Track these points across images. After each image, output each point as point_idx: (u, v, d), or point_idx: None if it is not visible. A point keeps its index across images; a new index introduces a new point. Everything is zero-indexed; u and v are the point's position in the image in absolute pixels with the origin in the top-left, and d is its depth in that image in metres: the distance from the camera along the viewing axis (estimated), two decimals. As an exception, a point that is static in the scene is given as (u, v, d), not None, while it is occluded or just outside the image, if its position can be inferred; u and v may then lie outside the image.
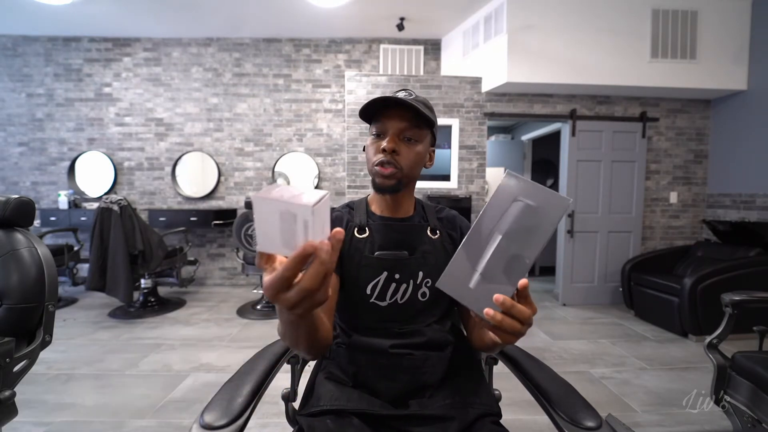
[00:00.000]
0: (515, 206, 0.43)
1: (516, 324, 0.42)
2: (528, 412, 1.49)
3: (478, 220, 0.45)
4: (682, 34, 2.84)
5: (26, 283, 1.11)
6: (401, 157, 0.67)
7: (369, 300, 0.70)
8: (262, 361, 0.65)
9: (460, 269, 0.45)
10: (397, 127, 0.67)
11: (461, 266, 0.45)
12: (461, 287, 0.44)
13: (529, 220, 0.42)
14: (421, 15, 3.11)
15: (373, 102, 0.66)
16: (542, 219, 0.42)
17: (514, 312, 0.41)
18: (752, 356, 1.13)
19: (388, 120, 0.68)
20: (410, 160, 0.68)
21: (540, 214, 0.42)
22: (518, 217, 0.43)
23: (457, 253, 0.45)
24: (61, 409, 1.51)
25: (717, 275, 2.32)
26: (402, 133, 0.68)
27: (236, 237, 2.65)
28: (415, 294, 0.70)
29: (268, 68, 3.54)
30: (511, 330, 0.42)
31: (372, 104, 0.66)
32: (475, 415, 0.63)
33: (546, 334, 2.48)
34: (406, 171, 0.68)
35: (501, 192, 0.44)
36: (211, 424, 0.47)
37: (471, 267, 0.44)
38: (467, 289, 0.44)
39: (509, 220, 0.43)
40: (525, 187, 0.43)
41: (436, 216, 0.79)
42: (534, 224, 0.42)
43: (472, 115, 3.11)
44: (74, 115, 3.53)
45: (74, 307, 2.94)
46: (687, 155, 3.26)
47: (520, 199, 0.43)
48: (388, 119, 0.68)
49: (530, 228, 0.42)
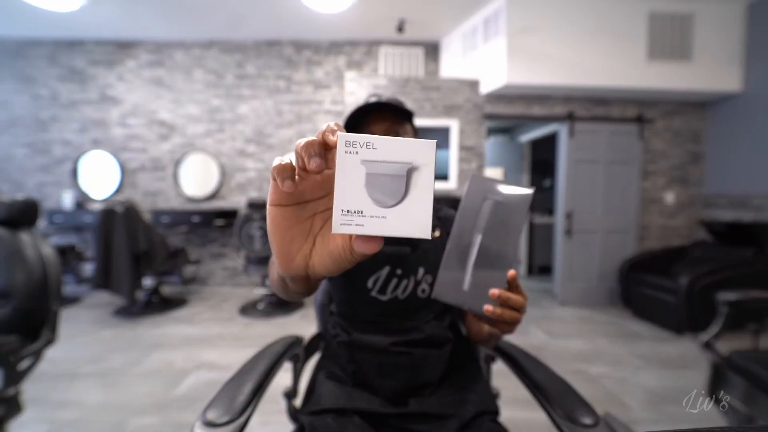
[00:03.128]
0: (486, 204, 0.46)
1: (514, 313, 0.46)
2: (526, 409, 1.51)
3: (456, 224, 0.47)
4: (678, 36, 2.86)
5: (31, 282, 1.13)
6: None
7: (369, 294, 0.70)
8: (263, 360, 0.65)
9: (450, 275, 0.47)
10: (381, 128, 0.72)
11: (451, 272, 0.47)
12: (456, 292, 0.47)
13: (501, 214, 0.46)
14: (421, 17, 3.13)
15: (353, 114, 0.71)
16: (512, 211, 0.46)
17: (511, 302, 0.45)
18: (748, 354, 1.15)
19: (372, 124, 0.72)
20: None
21: (509, 208, 0.46)
22: (492, 214, 0.46)
23: (445, 260, 0.47)
24: (65, 406, 1.53)
25: (713, 275, 2.34)
26: (387, 131, 0.72)
27: (237, 237, 2.67)
28: (415, 290, 0.71)
29: (269, 70, 3.56)
30: (511, 319, 0.46)
31: (353, 116, 0.72)
32: (474, 413, 0.63)
33: (544, 332, 2.49)
34: None
35: (471, 194, 0.47)
36: (213, 422, 0.48)
37: (460, 270, 0.46)
38: (463, 293, 0.46)
39: (484, 218, 0.46)
40: (491, 186, 0.47)
41: (436, 215, 0.80)
42: (506, 217, 0.46)
43: (471, 117, 3.13)
44: (78, 116, 3.56)
45: (78, 306, 2.96)
46: (683, 156, 3.27)
47: (489, 197, 0.46)
48: (371, 123, 0.72)
49: (504, 221, 0.46)
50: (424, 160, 0.25)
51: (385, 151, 0.25)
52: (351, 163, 0.25)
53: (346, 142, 0.25)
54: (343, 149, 0.25)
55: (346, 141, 0.25)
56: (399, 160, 0.25)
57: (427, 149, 0.25)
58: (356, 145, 0.25)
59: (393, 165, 0.25)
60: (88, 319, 2.65)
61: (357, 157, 0.25)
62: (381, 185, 0.25)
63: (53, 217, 3.20)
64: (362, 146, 0.25)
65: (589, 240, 3.17)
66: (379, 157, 0.25)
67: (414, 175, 0.25)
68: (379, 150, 0.25)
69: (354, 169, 0.25)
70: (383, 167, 0.25)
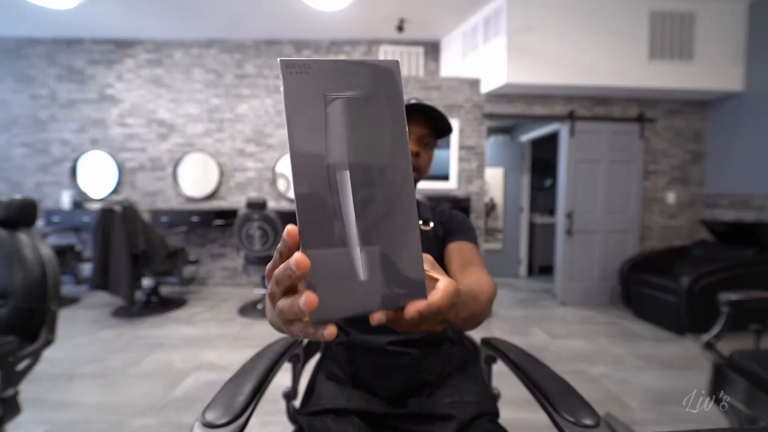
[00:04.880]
0: (334, 109, 0.24)
1: (441, 316, 0.28)
2: (526, 410, 1.50)
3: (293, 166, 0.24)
4: (680, 35, 2.86)
5: (29, 282, 1.12)
6: (421, 159, 0.73)
7: None
8: (263, 360, 0.65)
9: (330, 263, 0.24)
10: (419, 132, 0.72)
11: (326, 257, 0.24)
12: (347, 294, 0.24)
13: (366, 123, 0.25)
14: (421, 16, 3.12)
15: None
16: (382, 111, 0.25)
17: (436, 315, 0.27)
18: (749, 355, 1.14)
19: (412, 125, 0.71)
20: (427, 163, 0.75)
21: (376, 105, 0.25)
22: (350, 127, 0.24)
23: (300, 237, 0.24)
24: (63, 407, 1.53)
25: (714, 275, 2.33)
26: (422, 138, 0.72)
27: (237, 237, 2.66)
28: None
29: (269, 69, 3.56)
30: (439, 321, 0.30)
31: None
32: (473, 414, 0.63)
33: (545, 333, 2.49)
34: (423, 173, 0.74)
35: (295, 98, 0.23)
36: (212, 423, 0.48)
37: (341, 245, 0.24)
38: (358, 288, 0.24)
39: (342, 140, 0.24)
40: (329, 74, 0.24)
41: (431, 212, 0.81)
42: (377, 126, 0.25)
43: (471, 116, 3.12)
44: (77, 116, 3.55)
45: (77, 306, 2.96)
46: (684, 156, 3.27)
47: (333, 95, 0.24)
48: (412, 124, 0.71)
49: (376, 136, 0.25)
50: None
51: None
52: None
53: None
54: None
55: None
56: None
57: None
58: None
59: None
60: (86, 319, 2.64)
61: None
62: None
63: (52, 217, 3.19)
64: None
65: (590, 240, 3.17)
66: None
67: None
68: None
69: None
70: None
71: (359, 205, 0.24)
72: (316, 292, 0.23)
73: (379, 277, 0.25)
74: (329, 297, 0.24)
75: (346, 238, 0.24)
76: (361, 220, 0.24)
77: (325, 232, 0.24)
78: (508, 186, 4.28)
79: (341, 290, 0.24)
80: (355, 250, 0.24)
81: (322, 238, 0.24)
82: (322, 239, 0.24)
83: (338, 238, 0.24)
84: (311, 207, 0.24)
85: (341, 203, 0.24)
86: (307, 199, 0.24)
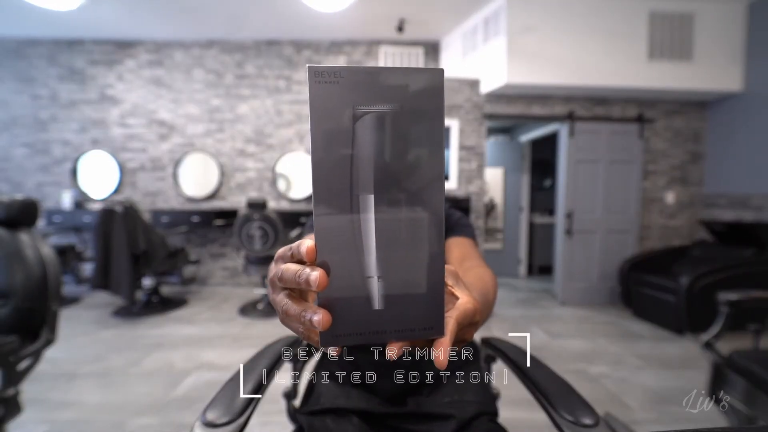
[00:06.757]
0: (363, 125, 0.22)
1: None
2: (526, 410, 1.50)
3: (314, 184, 0.22)
4: (679, 36, 2.86)
5: (30, 282, 1.12)
6: None
7: None
8: (263, 360, 0.65)
9: (345, 287, 0.23)
10: None
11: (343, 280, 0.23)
12: (359, 321, 0.24)
13: (397, 142, 0.22)
14: (421, 17, 3.13)
15: None
16: (416, 130, 0.23)
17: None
18: (748, 354, 1.15)
19: None
20: None
21: (410, 122, 0.22)
22: (378, 146, 0.22)
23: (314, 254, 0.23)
24: (64, 406, 1.53)
25: (713, 275, 2.34)
26: None
27: (237, 237, 2.66)
28: None
29: (269, 70, 3.56)
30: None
31: None
32: (473, 413, 0.63)
33: (544, 332, 2.49)
34: None
35: (321, 110, 0.22)
36: (213, 422, 0.48)
37: (359, 272, 0.23)
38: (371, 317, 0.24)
39: (370, 160, 0.22)
40: (361, 83, 0.22)
41: None
42: (408, 147, 0.23)
43: (471, 116, 3.13)
44: (78, 116, 3.56)
45: (78, 306, 2.96)
46: (684, 156, 3.27)
47: (362, 109, 0.22)
48: None
49: (407, 159, 0.23)
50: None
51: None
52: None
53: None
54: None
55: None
56: None
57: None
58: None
59: None
60: (87, 319, 2.64)
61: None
62: None
63: (53, 217, 3.20)
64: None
65: (590, 240, 3.17)
66: None
67: None
68: None
69: None
70: None
71: (382, 232, 0.23)
72: (329, 311, 0.22)
73: (396, 309, 0.23)
74: (341, 321, 0.23)
75: (363, 265, 0.23)
76: (382, 250, 0.23)
77: (342, 257, 0.23)
78: (507, 186, 4.28)
79: (353, 316, 0.23)
80: (372, 279, 0.23)
81: (339, 261, 0.23)
82: (339, 262, 0.23)
83: (356, 264, 0.23)
84: (330, 228, 0.22)
85: (362, 229, 0.22)
86: (326, 222, 0.22)
